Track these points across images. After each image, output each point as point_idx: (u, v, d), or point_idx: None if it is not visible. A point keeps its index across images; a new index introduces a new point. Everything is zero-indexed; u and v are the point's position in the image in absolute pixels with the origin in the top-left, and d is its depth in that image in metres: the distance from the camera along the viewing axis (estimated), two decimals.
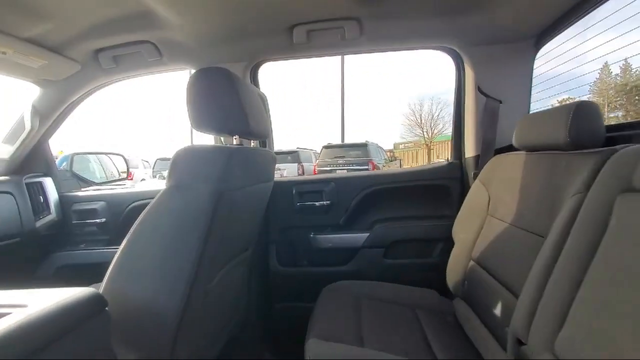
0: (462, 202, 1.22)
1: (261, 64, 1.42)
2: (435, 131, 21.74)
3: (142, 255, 0.78)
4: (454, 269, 1.14)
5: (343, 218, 1.42)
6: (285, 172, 8.46)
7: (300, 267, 1.45)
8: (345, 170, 8.24)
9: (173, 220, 0.78)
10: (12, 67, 1.16)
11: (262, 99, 1.25)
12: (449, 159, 1.43)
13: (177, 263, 0.78)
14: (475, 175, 1.22)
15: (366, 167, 8.29)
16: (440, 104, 21.76)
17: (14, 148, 1.46)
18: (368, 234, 1.38)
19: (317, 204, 1.42)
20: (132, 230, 0.79)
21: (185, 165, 0.79)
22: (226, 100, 0.86)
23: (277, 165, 1.26)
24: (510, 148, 1.13)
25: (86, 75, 1.36)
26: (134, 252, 0.79)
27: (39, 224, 1.52)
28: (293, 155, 9.01)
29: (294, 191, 1.43)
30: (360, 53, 1.37)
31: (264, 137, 1.11)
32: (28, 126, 1.41)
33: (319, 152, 9.30)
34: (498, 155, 1.14)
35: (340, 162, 8.56)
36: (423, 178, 1.40)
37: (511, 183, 0.98)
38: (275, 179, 1.34)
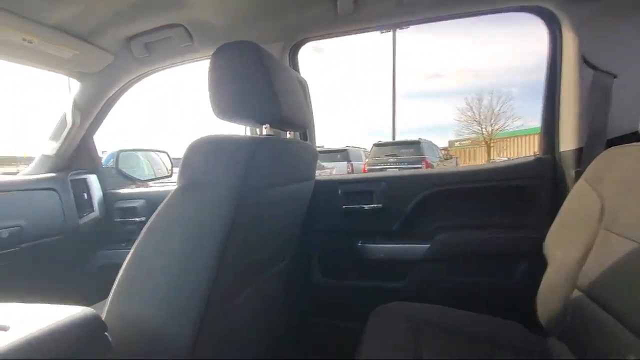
0: (556, 209, 0.93)
1: (301, 45, 1.24)
2: (496, 127, 20.16)
3: (149, 269, 0.65)
4: (549, 298, 0.86)
5: (397, 224, 1.19)
6: (334, 170, 8.34)
7: (346, 280, 1.25)
8: (397, 169, 7.87)
9: (184, 227, 0.64)
10: (44, 59, 1.12)
11: (302, 85, 1.07)
12: (537, 152, 1.13)
13: (190, 278, 0.64)
14: (579, 174, 0.92)
15: (419, 165, 7.89)
16: (501, 97, 20.07)
17: (59, 144, 1.45)
18: (428, 244, 1.13)
19: (366, 207, 1.20)
20: (139, 238, 0.65)
21: (200, 160, 0.64)
22: (253, 79, 0.70)
23: (325, 164, 1.11)
24: (631, 137, 0.82)
25: (120, 66, 1.30)
26: (140, 265, 0.65)
27: (82, 221, 1.50)
28: (342, 154, 8.86)
29: (339, 191, 1.22)
30: (421, 22, 1.11)
31: (302, 128, 0.93)
32: (70, 122, 1.40)
33: (369, 150, 9.02)
34: (613, 147, 0.83)
35: (392, 160, 8.24)
36: (501, 177, 1.12)
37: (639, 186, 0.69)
38: (317, 177, 1.16)
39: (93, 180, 1.60)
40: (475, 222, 1.14)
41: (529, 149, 18.77)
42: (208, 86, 0.72)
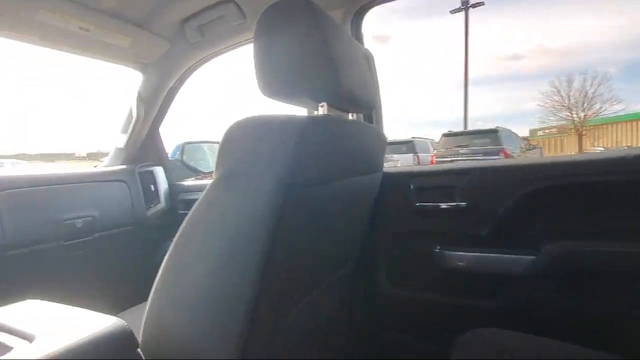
0: None
1: (366, 10, 1.05)
2: (590, 113, 17.45)
3: (185, 275, 0.55)
4: None
5: (487, 228, 0.95)
6: (399, 163, 7.96)
7: (419, 293, 1.05)
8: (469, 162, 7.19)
9: (221, 226, 0.52)
10: (102, 49, 1.13)
11: (367, 58, 0.89)
12: None
13: (231, 287, 0.52)
14: None
15: (496, 157, 7.12)
16: (596, 78, 17.24)
17: (127, 137, 1.49)
18: (533, 257, 0.88)
19: (445, 205, 0.98)
20: (175, 238, 0.56)
21: (238, 147, 0.52)
22: (306, 45, 0.56)
23: (389, 156, 0.93)
24: None
25: (177, 53, 1.27)
26: (176, 269, 0.56)
27: (149, 212, 1.54)
28: (408, 145, 8.43)
29: (411, 186, 1.03)
30: None
31: (367, 109, 0.77)
32: (135, 115, 1.42)
33: (438, 141, 8.43)
34: None
35: (463, 151, 7.54)
36: (637, 168, 0.81)
37: None
38: (386, 169, 0.98)
39: (159, 172, 1.63)
40: (602, 230, 0.85)
41: (634, 138, 15.97)
42: (254, 58, 0.60)
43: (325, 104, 0.62)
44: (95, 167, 1.65)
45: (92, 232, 1.30)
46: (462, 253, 0.96)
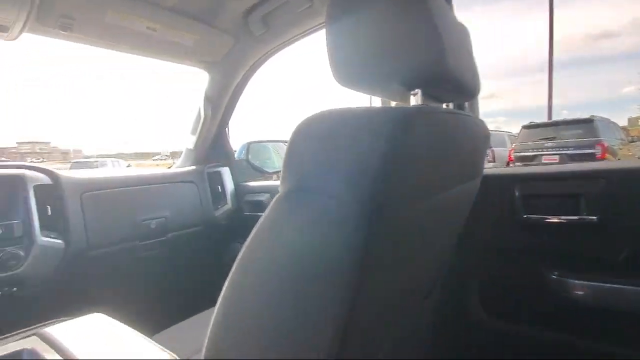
0: None
1: None
2: None
3: (250, 308, 0.45)
4: None
5: (627, 251, 0.71)
6: None
7: (525, 325, 0.84)
8: (557, 157, 6.28)
9: (292, 253, 0.40)
10: (169, 49, 1.13)
11: (464, 34, 0.71)
12: None
13: (306, 327, 0.40)
14: None
15: (590, 151, 6.11)
16: None
17: (195, 138, 1.50)
18: None
19: (565, 219, 0.77)
20: (236, 262, 0.46)
21: (309, 152, 0.39)
22: (404, 19, 0.43)
23: None
24: None
25: (242, 49, 1.23)
26: (241, 300, 0.46)
27: (217, 213, 1.54)
28: None
29: (516, 193, 0.83)
30: None
31: (472, 96, 0.60)
32: (202, 115, 1.42)
33: (517, 133, 7.57)
34: None
35: (548, 145, 6.61)
36: None
37: None
38: (485, 170, 0.80)
39: (226, 173, 1.62)
40: None
41: None
42: (327, 43, 0.48)
43: (419, 91, 0.47)
44: (169, 167, 1.70)
45: (165, 233, 1.33)
46: (591, 283, 0.74)
